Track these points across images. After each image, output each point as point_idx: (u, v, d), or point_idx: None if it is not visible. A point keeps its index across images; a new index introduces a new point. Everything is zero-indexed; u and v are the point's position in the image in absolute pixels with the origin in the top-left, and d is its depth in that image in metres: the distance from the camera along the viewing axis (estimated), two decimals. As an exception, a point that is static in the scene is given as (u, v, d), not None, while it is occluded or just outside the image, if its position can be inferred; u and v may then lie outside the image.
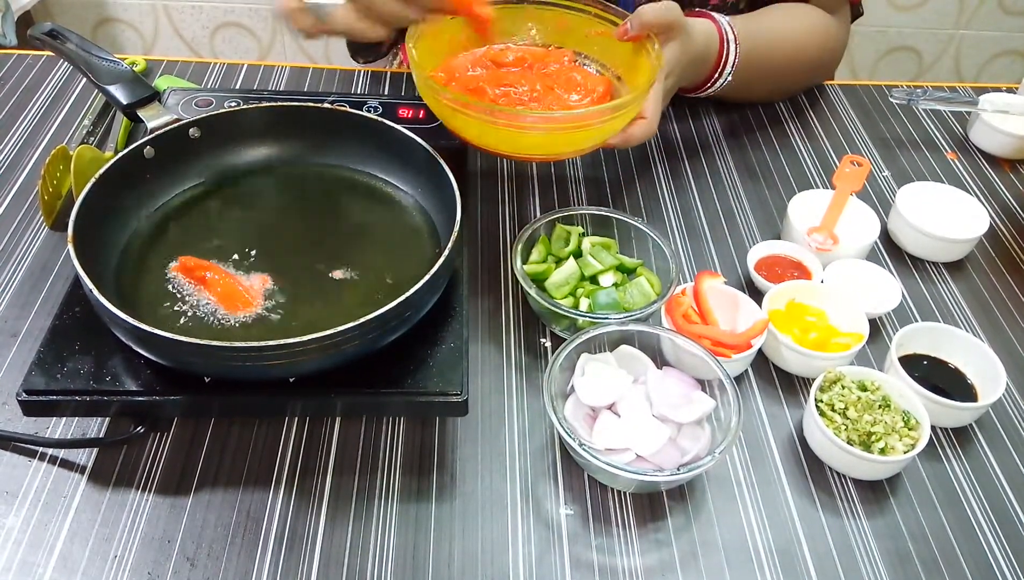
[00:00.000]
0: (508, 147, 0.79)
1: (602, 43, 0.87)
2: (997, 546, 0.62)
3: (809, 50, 1.02)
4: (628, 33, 0.81)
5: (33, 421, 0.65)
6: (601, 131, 0.76)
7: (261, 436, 0.65)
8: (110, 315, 0.58)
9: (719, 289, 0.75)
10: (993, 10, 2.11)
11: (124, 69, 0.79)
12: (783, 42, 0.99)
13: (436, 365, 0.63)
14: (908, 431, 0.65)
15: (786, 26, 1.00)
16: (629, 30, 0.81)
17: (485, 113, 0.73)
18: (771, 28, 0.98)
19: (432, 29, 0.82)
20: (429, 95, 0.76)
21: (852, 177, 0.88)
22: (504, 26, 0.88)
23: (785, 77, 1.04)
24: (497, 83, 0.82)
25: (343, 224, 0.75)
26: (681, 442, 0.65)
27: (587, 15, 0.86)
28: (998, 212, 0.93)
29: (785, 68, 1.01)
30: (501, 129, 0.74)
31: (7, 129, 0.94)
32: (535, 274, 0.74)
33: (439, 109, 0.77)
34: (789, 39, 0.99)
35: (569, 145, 0.79)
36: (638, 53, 0.83)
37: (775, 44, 0.98)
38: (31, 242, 0.80)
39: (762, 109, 1.06)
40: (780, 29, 0.99)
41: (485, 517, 0.62)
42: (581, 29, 0.87)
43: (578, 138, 0.77)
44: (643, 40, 0.81)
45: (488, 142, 0.78)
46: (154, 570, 0.57)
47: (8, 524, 0.59)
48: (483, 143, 0.79)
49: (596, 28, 0.86)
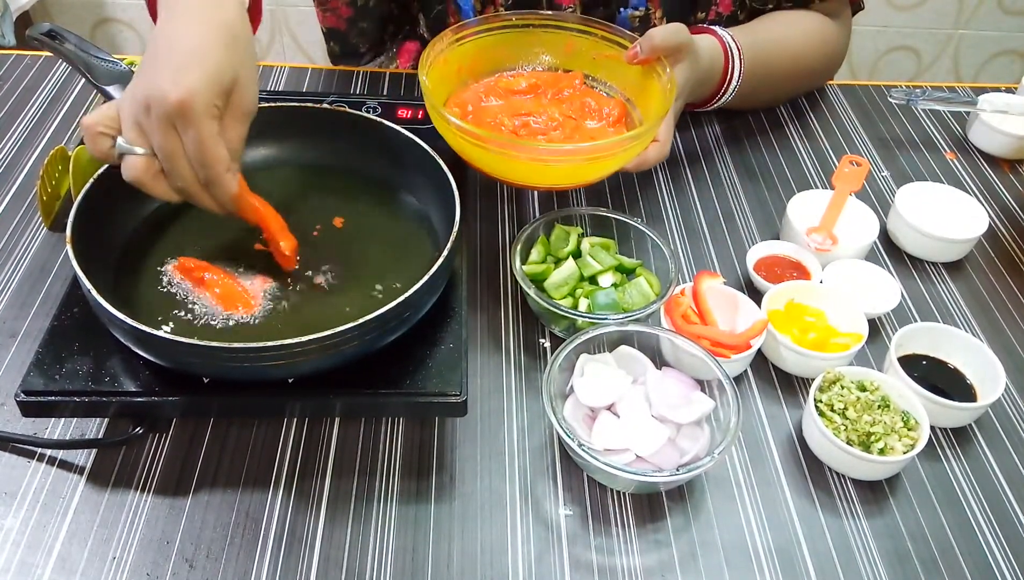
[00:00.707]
0: (528, 179, 0.80)
1: (610, 66, 0.87)
2: (996, 546, 0.62)
3: (809, 57, 1.02)
4: (638, 56, 0.82)
5: (32, 422, 0.65)
6: (619, 159, 0.76)
7: (260, 437, 0.65)
8: (109, 316, 0.58)
9: (718, 289, 0.75)
10: (992, 10, 2.11)
11: (123, 69, 0.79)
12: (783, 52, 0.99)
13: (435, 366, 0.63)
14: (907, 431, 0.65)
15: (786, 35, 1.00)
16: (639, 53, 0.81)
17: (507, 148, 0.74)
18: (771, 38, 0.98)
19: (442, 57, 0.83)
20: (445, 128, 0.76)
21: (851, 177, 0.88)
22: (512, 51, 0.89)
23: (786, 85, 1.04)
24: (514, 113, 0.83)
25: (342, 224, 0.74)
26: (680, 442, 0.64)
27: (594, 38, 0.87)
28: (997, 212, 0.93)
29: (786, 77, 1.02)
30: (522, 163, 0.74)
31: (6, 129, 0.94)
32: (534, 274, 0.74)
33: (456, 143, 0.76)
34: (789, 49, 1.00)
35: (588, 175, 0.79)
36: (648, 76, 0.83)
37: (776, 54, 0.98)
38: (30, 243, 0.80)
39: (761, 110, 1.06)
40: (780, 39, 0.99)
41: (484, 517, 0.62)
42: (589, 52, 0.88)
43: (597, 168, 0.77)
44: (653, 63, 0.82)
45: (508, 175, 0.79)
46: (153, 571, 0.57)
47: (7, 525, 0.59)
48: (503, 176, 0.79)
49: (604, 51, 0.87)
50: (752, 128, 1.03)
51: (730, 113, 1.03)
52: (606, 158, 0.75)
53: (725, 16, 1.00)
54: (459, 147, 0.77)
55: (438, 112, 0.74)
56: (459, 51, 0.85)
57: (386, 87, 1.06)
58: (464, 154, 0.77)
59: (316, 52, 2.14)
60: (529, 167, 0.75)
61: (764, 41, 0.96)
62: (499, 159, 0.75)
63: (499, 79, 0.88)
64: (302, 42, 2.13)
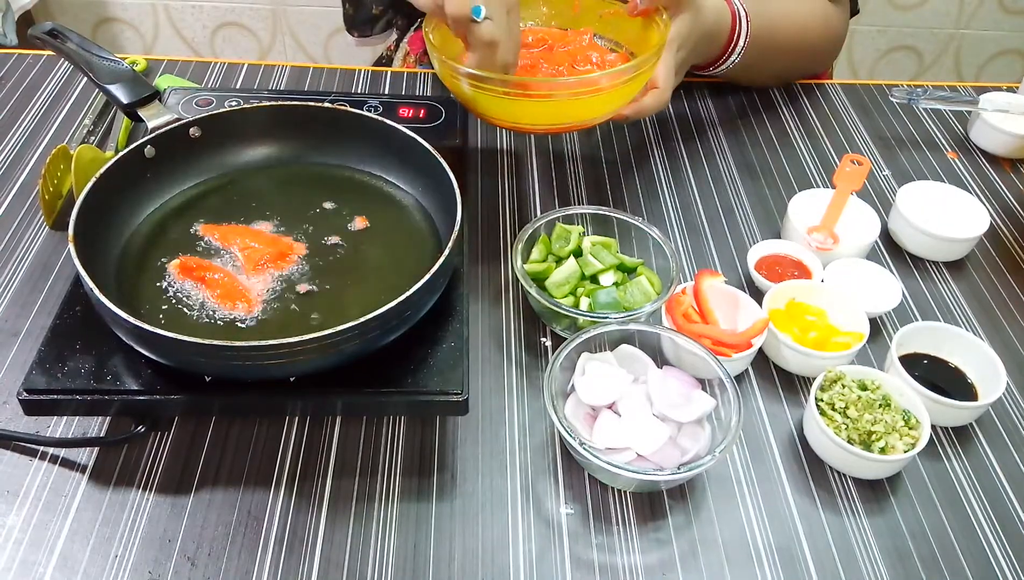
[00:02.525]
0: (522, 117, 0.80)
1: (615, 22, 0.89)
2: (997, 545, 0.62)
3: (812, 34, 1.04)
4: (638, 7, 0.84)
5: (34, 420, 0.65)
6: (613, 96, 0.77)
7: (262, 435, 0.65)
8: (111, 314, 0.58)
9: (719, 288, 0.75)
10: (993, 9, 2.11)
11: (124, 68, 0.79)
12: (790, 24, 1.00)
13: (436, 364, 0.63)
14: (908, 430, 0.65)
15: (793, 9, 1.01)
16: (639, 4, 0.83)
17: (499, 85, 0.74)
18: (779, 10, 0.99)
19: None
20: (446, 73, 0.77)
21: (852, 176, 0.88)
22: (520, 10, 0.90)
23: (788, 59, 1.05)
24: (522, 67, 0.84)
25: (344, 223, 0.75)
26: (681, 441, 0.65)
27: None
28: (998, 211, 0.93)
29: (789, 50, 1.03)
30: (515, 100, 0.75)
31: (8, 128, 0.94)
32: (535, 273, 0.74)
33: (455, 87, 0.78)
34: (794, 21, 1.01)
35: (582, 113, 0.79)
36: (648, 27, 0.85)
37: (783, 25, 0.99)
38: (32, 242, 0.80)
39: (762, 107, 1.06)
40: (785, 11, 1.00)
41: (485, 516, 0.62)
42: (594, 10, 0.90)
43: (591, 104, 0.77)
44: (652, 14, 0.84)
45: (501, 114, 0.79)
46: (154, 569, 0.57)
47: (9, 523, 0.60)
48: (497, 115, 0.80)
49: (608, 8, 0.88)
50: (753, 127, 1.03)
51: (730, 104, 1.03)
52: (598, 93, 0.75)
53: None
54: (457, 90, 0.78)
55: (441, 60, 0.76)
56: None
57: (387, 86, 1.06)
58: (462, 98, 0.79)
59: (317, 51, 2.15)
60: (526, 105, 0.76)
61: (771, 11, 0.97)
62: (493, 98, 0.76)
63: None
64: (303, 42, 2.13)
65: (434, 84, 1.06)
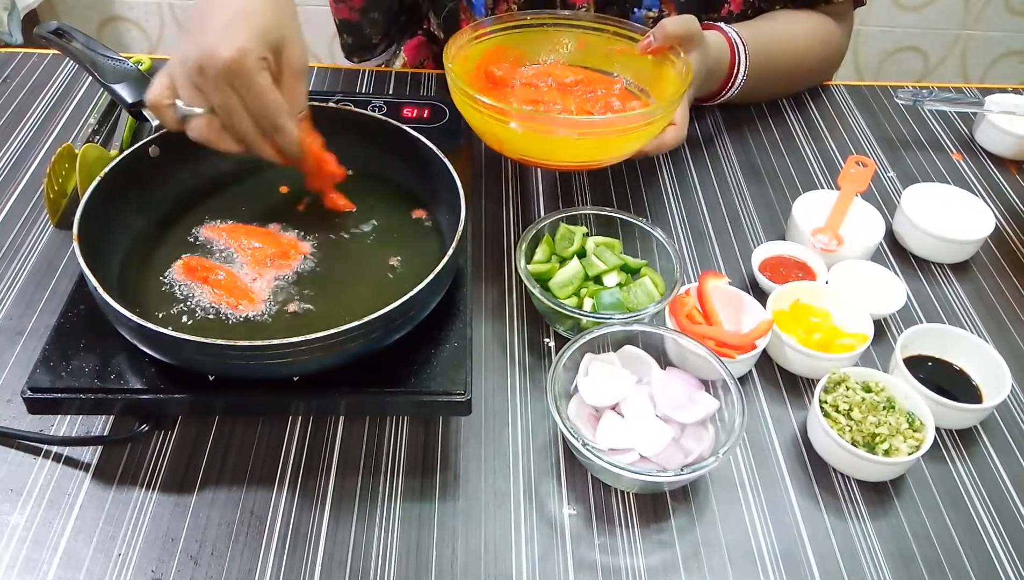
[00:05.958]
0: (550, 155, 0.81)
1: (623, 59, 0.89)
2: (1002, 548, 0.62)
3: (809, 57, 1.04)
4: (651, 45, 0.84)
5: (38, 419, 0.65)
6: (637, 136, 0.78)
7: (265, 435, 0.65)
8: (115, 313, 0.58)
9: (723, 290, 0.75)
10: (999, 11, 2.10)
11: (130, 68, 0.79)
12: (786, 50, 1.00)
13: (440, 364, 0.63)
14: (912, 433, 0.65)
15: (788, 34, 1.01)
16: (652, 42, 0.83)
17: (524, 119, 0.75)
18: (774, 37, 0.99)
19: (463, 53, 0.85)
20: (465, 103, 0.78)
21: (857, 178, 0.87)
22: (527, 49, 0.91)
23: (786, 83, 1.06)
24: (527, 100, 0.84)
25: (347, 223, 0.75)
26: (685, 443, 0.64)
27: (606, 34, 0.89)
28: (1004, 213, 0.93)
29: (787, 74, 1.03)
30: (539, 137, 0.76)
31: (13, 127, 0.94)
32: (539, 274, 0.74)
33: (474, 118, 0.78)
34: (791, 48, 1.01)
35: (606, 152, 0.80)
36: (661, 64, 0.85)
37: (778, 52, 0.99)
38: (36, 240, 0.81)
39: (767, 110, 1.06)
40: (783, 38, 1.00)
41: (488, 517, 0.62)
42: (601, 48, 0.90)
43: (615, 144, 0.78)
44: (665, 52, 0.84)
45: (524, 150, 0.80)
46: (158, 568, 0.57)
47: (12, 521, 0.60)
48: (519, 152, 0.80)
49: (617, 46, 0.89)
50: (758, 128, 1.03)
51: (735, 108, 1.03)
52: (623, 134, 0.76)
53: (735, 14, 1.00)
54: (476, 122, 0.79)
55: (462, 90, 0.76)
56: (478, 47, 0.87)
57: (392, 86, 1.06)
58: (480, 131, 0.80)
59: (322, 51, 2.15)
60: (550, 142, 0.77)
61: (767, 39, 0.97)
62: (515, 133, 0.76)
63: (552, 66, 0.90)
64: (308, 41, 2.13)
65: (438, 85, 1.06)
